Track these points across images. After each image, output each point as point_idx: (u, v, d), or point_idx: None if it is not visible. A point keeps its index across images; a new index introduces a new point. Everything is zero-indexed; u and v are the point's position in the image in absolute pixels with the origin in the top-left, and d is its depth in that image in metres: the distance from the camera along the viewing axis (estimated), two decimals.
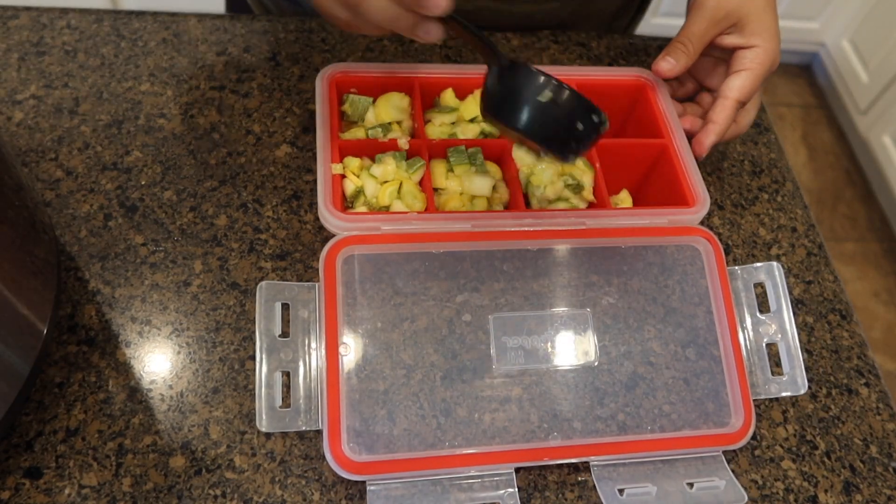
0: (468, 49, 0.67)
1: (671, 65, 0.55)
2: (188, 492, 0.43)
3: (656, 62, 0.56)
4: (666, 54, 0.56)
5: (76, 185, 0.54)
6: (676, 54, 0.55)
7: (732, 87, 0.56)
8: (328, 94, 0.52)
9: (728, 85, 0.56)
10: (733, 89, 0.56)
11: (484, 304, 0.46)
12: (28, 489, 0.42)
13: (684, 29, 0.56)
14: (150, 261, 0.51)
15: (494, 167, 0.53)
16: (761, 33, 0.55)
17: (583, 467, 0.47)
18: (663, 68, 0.56)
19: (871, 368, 0.55)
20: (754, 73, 0.55)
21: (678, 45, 0.56)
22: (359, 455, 0.42)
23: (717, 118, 0.55)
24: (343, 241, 0.46)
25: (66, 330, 0.48)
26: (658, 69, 0.56)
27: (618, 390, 0.46)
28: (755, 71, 0.55)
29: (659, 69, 0.56)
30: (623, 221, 0.50)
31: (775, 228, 0.61)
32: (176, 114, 0.59)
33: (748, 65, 0.55)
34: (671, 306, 0.49)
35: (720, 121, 0.55)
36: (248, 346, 0.49)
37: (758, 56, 0.55)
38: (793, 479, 0.49)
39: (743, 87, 0.55)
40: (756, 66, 0.55)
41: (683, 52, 0.55)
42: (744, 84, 0.55)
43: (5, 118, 0.57)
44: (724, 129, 0.55)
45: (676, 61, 0.55)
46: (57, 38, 0.62)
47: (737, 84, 0.55)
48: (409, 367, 0.44)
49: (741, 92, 0.55)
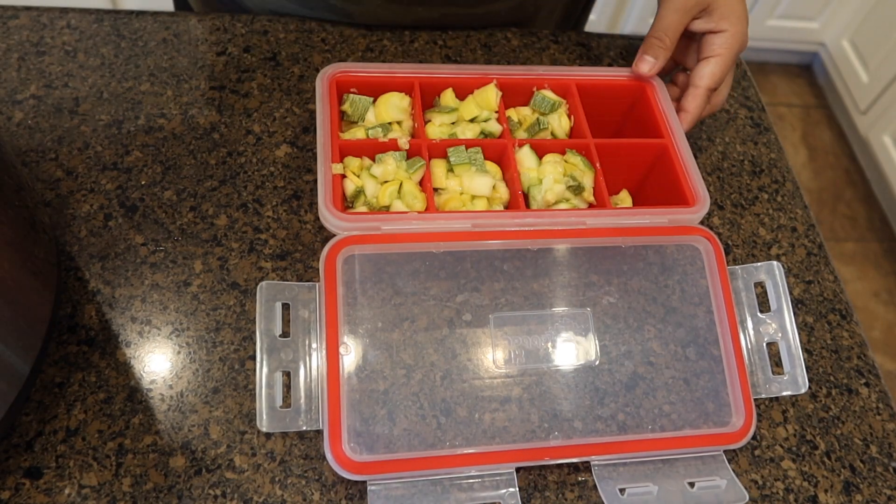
0: (468, 49, 0.67)
1: (650, 64, 0.57)
2: (188, 492, 0.43)
3: (636, 63, 0.57)
4: (644, 52, 0.57)
5: (76, 185, 0.54)
6: (655, 51, 0.57)
7: (703, 75, 0.57)
8: (328, 94, 0.52)
9: (698, 73, 0.57)
10: (704, 77, 0.57)
11: (484, 303, 0.46)
12: (28, 489, 0.42)
13: (657, 22, 0.57)
14: (150, 261, 0.51)
15: (494, 167, 0.53)
16: (729, 17, 0.56)
17: (583, 467, 0.47)
18: (643, 69, 0.57)
19: (871, 368, 0.55)
20: (723, 58, 0.57)
21: (654, 42, 0.57)
22: (359, 455, 0.42)
23: (689, 107, 0.57)
24: (343, 241, 0.46)
25: (66, 330, 0.48)
26: (639, 70, 0.57)
27: (618, 390, 0.46)
28: (724, 56, 0.56)
29: (639, 70, 0.57)
30: (623, 221, 0.50)
31: (775, 228, 0.61)
32: (176, 114, 0.59)
33: (717, 50, 0.56)
34: (671, 306, 0.49)
35: (692, 109, 0.57)
36: (249, 346, 0.49)
37: (726, 41, 0.56)
38: (793, 478, 0.49)
39: (714, 73, 0.57)
40: (725, 51, 0.56)
41: (661, 48, 0.57)
42: (714, 71, 0.57)
43: (5, 118, 0.57)
44: (697, 116, 0.57)
45: (656, 59, 0.57)
46: (57, 38, 0.62)
47: (707, 71, 0.57)
48: (409, 366, 0.44)
49: (712, 79, 0.57)
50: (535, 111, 0.57)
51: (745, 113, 0.69)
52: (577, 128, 0.56)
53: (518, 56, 0.68)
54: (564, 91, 0.57)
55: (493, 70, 0.56)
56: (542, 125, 0.56)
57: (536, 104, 0.57)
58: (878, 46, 1.85)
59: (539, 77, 0.56)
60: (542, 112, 0.56)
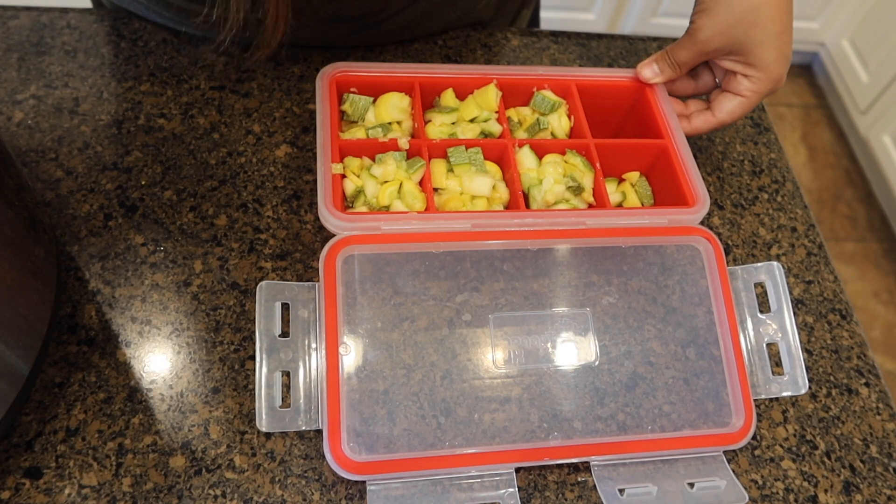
0: (468, 49, 0.67)
1: (654, 73, 0.56)
2: (188, 492, 0.43)
3: (641, 66, 0.57)
4: (653, 62, 0.57)
5: (76, 185, 0.54)
6: (662, 66, 0.56)
7: (723, 110, 0.56)
8: (328, 94, 0.52)
9: (720, 106, 0.56)
10: (723, 112, 0.56)
11: (484, 303, 0.46)
12: (28, 489, 0.42)
13: (678, 51, 0.55)
14: (150, 261, 0.51)
15: (494, 167, 0.53)
16: (762, 66, 0.53)
17: (583, 467, 0.47)
18: (646, 75, 0.57)
19: (871, 368, 0.55)
20: (749, 101, 0.55)
21: (667, 60, 0.56)
22: (359, 455, 0.42)
23: (696, 123, 0.57)
24: (343, 241, 0.46)
25: (66, 330, 0.48)
26: (641, 74, 0.57)
27: (618, 390, 0.46)
28: (750, 99, 0.55)
29: (642, 74, 0.57)
30: (623, 221, 0.50)
31: (775, 228, 0.61)
32: (176, 114, 0.59)
33: (744, 92, 0.55)
34: (671, 306, 0.49)
35: (697, 126, 0.57)
36: (248, 346, 0.49)
37: (754, 85, 0.54)
38: (793, 479, 0.49)
39: (734, 112, 0.56)
40: (751, 94, 0.55)
41: (670, 68, 0.56)
42: (735, 110, 0.56)
43: (5, 118, 0.57)
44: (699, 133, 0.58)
45: (661, 72, 0.56)
46: (57, 38, 0.62)
47: (728, 108, 0.56)
48: (409, 366, 0.44)
49: (731, 117, 0.56)
50: (535, 111, 0.57)
51: None
52: (577, 128, 0.56)
53: (518, 56, 0.68)
54: (564, 91, 0.57)
55: (493, 70, 0.56)
56: (542, 125, 0.56)
57: (536, 104, 0.57)
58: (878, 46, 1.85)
59: (539, 77, 0.56)
60: (542, 112, 0.56)
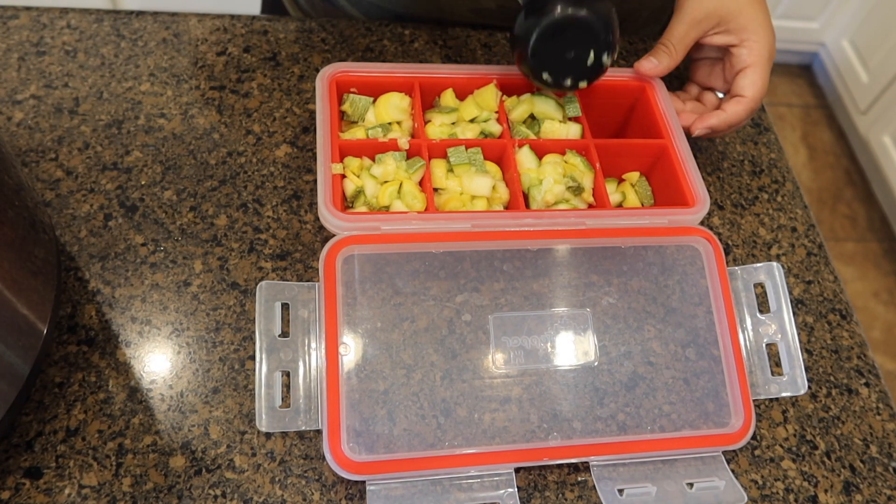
0: (468, 49, 0.67)
1: (653, 64, 0.56)
2: (188, 492, 0.43)
3: (639, 62, 0.57)
4: (649, 55, 0.57)
5: (76, 185, 0.54)
6: (659, 56, 0.57)
7: (745, 86, 0.56)
8: (328, 94, 0.52)
9: (739, 85, 0.56)
10: (746, 87, 0.56)
11: (484, 304, 0.46)
12: (28, 489, 0.42)
13: (666, 32, 0.57)
14: (150, 261, 0.51)
15: (494, 167, 0.53)
16: (749, 27, 0.55)
17: (583, 467, 0.47)
18: (645, 67, 0.57)
19: (871, 368, 0.55)
20: (759, 66, 0.56)
21: (661, 48, 0.57)
22: (358, 455, 0.42)
23: (728, 109, 0.56)
24: (343, 241, 0.46)
25: (66, 330, 0.48)
26: (641, 68, 0.57)
27: (618, 390, 0.46)
28: (758, 64, 0.56)
29: (641, 68, 0.57)
30: (623, 221, 0.50)
31: (775, 228, 0.61)
32: (176, 114, 0.59)
33: (749, 60, 0.56)
34: (671, 306, 0.49)
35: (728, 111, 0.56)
36: (248, 346, 0.49)
37: (754, 50, 0.56)
38: (793, 479, 0.49)
39: (755, 82, 0.56)
40: (756, 58, 0.56)
41: (666, 54, 0.56)
42: (754, 80, 0.56)
43: (5, 118, 0.57)
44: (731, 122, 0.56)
45: (659, 62, 0.56)
46: (57, 38, 0.62)
47: (747, 82, 0.56)
48: (409, 367, 0.44)
49: (753, 88, 0.56)
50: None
51: None
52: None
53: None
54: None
55: (493, 70, 0.56)
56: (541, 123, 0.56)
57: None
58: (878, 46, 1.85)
59: None
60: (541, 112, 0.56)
